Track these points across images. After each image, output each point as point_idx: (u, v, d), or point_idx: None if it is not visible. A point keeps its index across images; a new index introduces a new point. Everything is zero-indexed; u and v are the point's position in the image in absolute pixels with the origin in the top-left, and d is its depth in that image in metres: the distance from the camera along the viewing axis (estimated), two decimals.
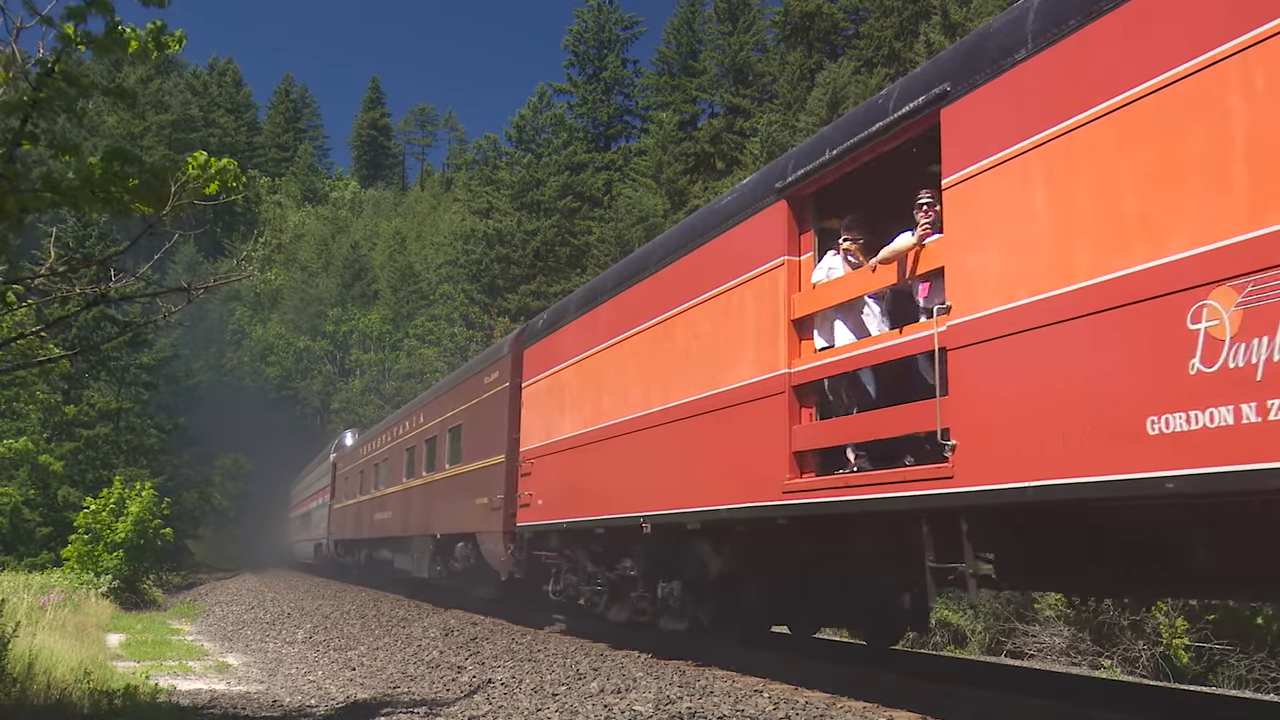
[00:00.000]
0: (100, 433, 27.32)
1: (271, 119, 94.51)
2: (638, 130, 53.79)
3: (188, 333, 39.98)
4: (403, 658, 9.77)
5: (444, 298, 52.13)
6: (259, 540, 50.48)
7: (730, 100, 46.83)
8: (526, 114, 48.73)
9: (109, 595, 16.32)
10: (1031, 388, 4.85)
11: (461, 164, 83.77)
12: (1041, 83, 4.99)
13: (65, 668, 7.04)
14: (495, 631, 12.61)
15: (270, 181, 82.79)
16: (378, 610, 16.45)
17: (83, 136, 39.56)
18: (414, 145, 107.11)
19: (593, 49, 54.81)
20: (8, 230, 4.39)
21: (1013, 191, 5.09)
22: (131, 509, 17.82)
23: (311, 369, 59.99)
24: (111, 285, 5.49)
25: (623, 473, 9.44)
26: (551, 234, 44.03)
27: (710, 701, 6.86)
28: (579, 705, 6.71)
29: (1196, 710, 6.78)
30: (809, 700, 6.99)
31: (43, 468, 23.60)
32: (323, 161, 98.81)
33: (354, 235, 71.69)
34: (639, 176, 43.90)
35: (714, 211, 8.51)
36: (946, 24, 24.89)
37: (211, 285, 6.10)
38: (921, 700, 6.63)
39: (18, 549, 22.55)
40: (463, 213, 60.46)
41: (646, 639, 10.48)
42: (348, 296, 62.77)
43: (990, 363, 5.11)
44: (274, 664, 9.46)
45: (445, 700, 7.03)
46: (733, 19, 48.68)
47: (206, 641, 11.78)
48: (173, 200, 4.78)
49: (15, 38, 4.42)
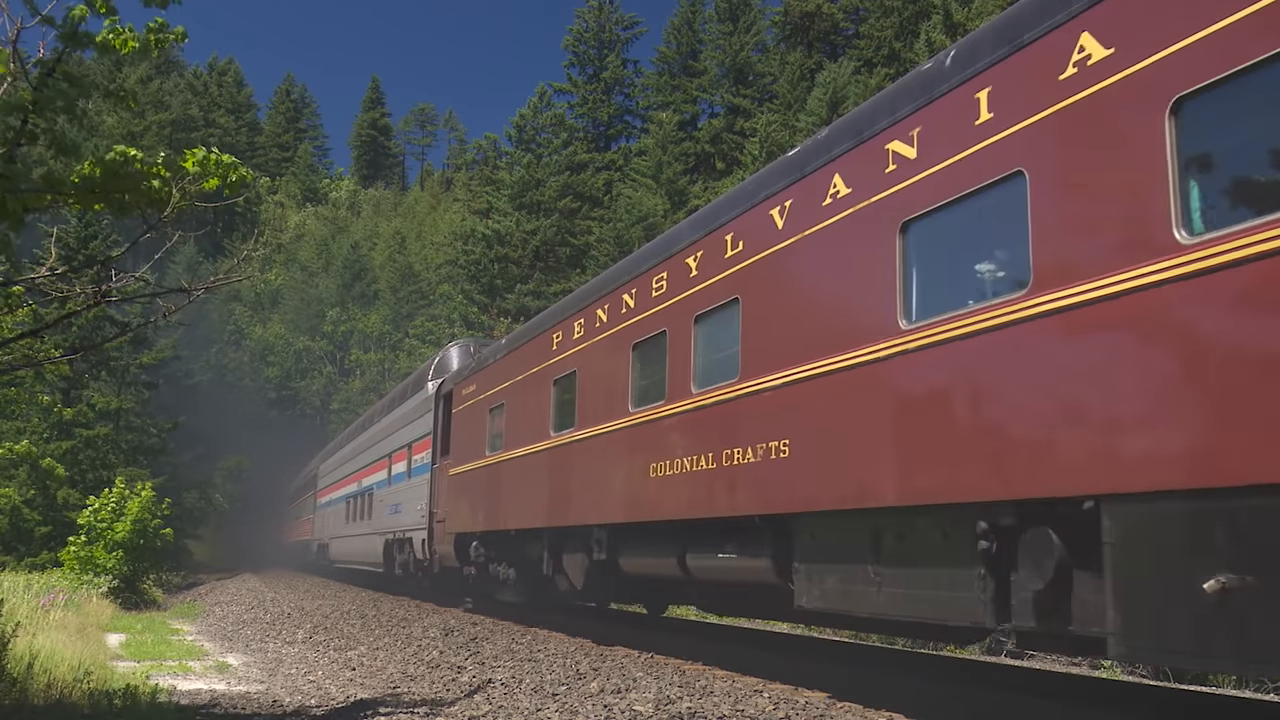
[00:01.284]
0: (100, 433, 27.32)
1: (271, 119, 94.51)
2: (638, 130, 53.82)
3: (188, 333, 39.95)
4: (403, 658, 9.77)
5: (444, 298, 52.15)
6: (259, 541, 50.49)
7: (730, 100, 46.84)
8: (526, 114, 48.73)
9: (109, 595, 16.32)
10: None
11: (461, 164, 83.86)
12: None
13: (65, 668, 7.03)
14: (495, 631, 12.62)
15: (270, 181, 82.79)
16: (378, 610, 16.45)
17: (83, 136, 39.55)
18: (414, 145, 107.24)
19: (593, 49, 54.82)
20: (9, 230, 4.38)
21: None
22: (131, 509, 17.81)
23: (311, 369, 60.00)
24: (112, 285, 5.49)
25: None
26: (551, 234, 44.04)
27: (710, 701, 6.86)
28: (579, 705, 6.71)
29: (1197, 710, 6.78)
30: (809, 700, 7.00)
31: (43, 468, 23.60)
32: (323, 161, 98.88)
33: (354, 235, 71.72)
34: (639, 176, 43.90)
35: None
36: (948, 23, 24.90)
37: (211, 285, 6.10)
38: (921, 700, 6.64)
39: (18, 549, 22.55)
40: (462, 213, 60.51)
41: (647, 639, 10.49)
42: (348, 296, 62.79)
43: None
44: (274, 664, 9.46)
45: (445, 700, 7.03)
46: (733, 19, 48.68)
47: (206, 641, 11.78)
48: (173, 200, 4.78)
49: (15, 38, 4.42)
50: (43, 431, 26.28)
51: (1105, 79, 4.51)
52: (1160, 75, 4.23)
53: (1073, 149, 4.66)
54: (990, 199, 5.16)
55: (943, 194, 5.46)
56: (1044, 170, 4.80)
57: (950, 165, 5.42)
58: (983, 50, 5.37)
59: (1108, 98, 4.49)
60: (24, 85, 4.44)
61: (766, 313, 7.11)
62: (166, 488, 24.31)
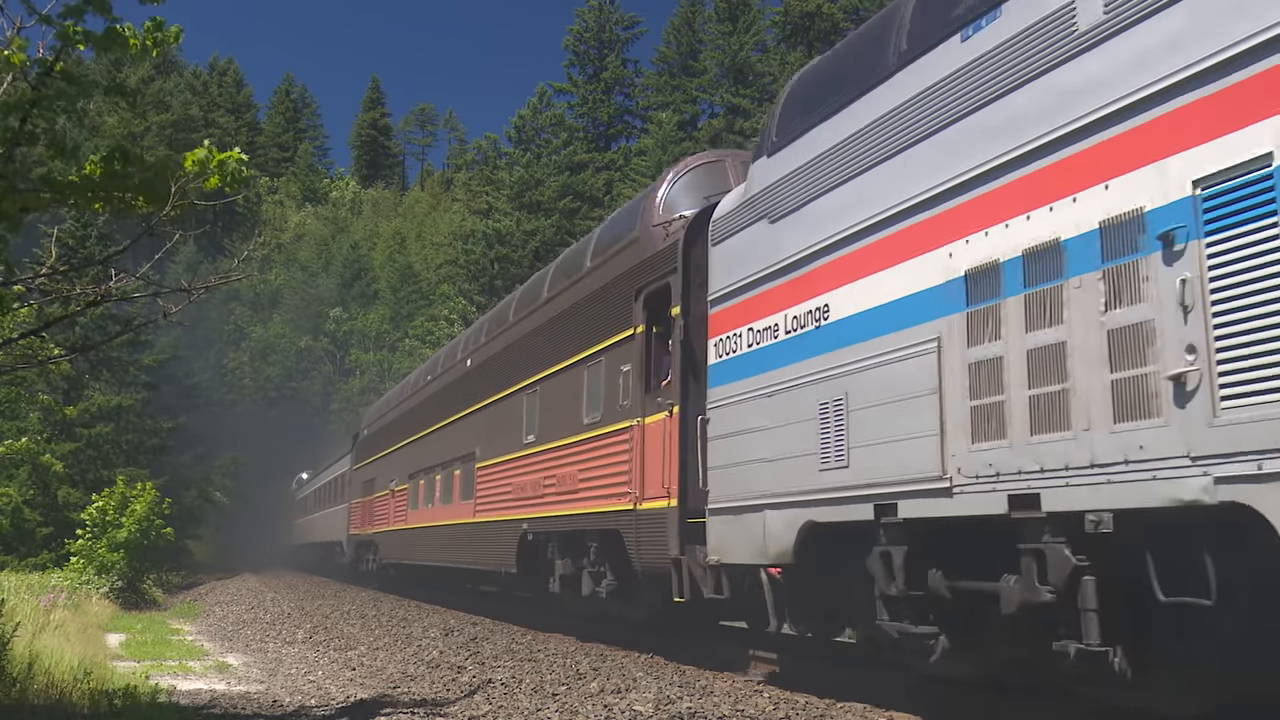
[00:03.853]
0: (101, 432, 27.31)
1: (271, 119, 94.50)
2: (638, 130, 53.83)
3: (188, 333, 39.94)
4: (403, 658, 9.77)
5: (443, 298, 52.15)
6: (259, 541, 50.44)
7: (730, 100, 46.84)
8: (526, 114, 48.75)
9: (109, 595, 16.32)
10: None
11: (461, 164, 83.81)
12: None
13: (65, 668, 7.03)
14: (495, 631, 12.62)
15: (270, 181, 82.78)
16: (377, 610, 16.45)
17: (83, 137, 39.58)
18: (414, 145, 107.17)
19: (593, 49, 54.83)
20: (8, 230, 4.38)
21: None
22: (135, 508, 17.81)
23: (311, 369, 59.99)
24: (112, 285, 5.48)
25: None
26: (551, 234, 44.04)
27: (710, 701, 6.86)
28: (579, 705, 6.71)
29: None
30: (809, 700, 6.99)
31: (43, 468, 23.58)
32: (323, 161, 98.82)
33: (354, 235, 71.73)
34: (639, 176, 43.90)
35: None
36: None
37: (211, 285, 6.09)
38: (921, 700, 6.63)
39: (18, 549, 22.53)
40: (462, 213, 60.49)
41: (647, 640, 10.48)
42: (348, 296, 62.79)
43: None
44: (274, 664, 9.45)
45: (445, 700, 7.03)
46: (733, 19, 48.68)
47: (206, 641, 11.77)
48: (173, 199, 4.76)
49: (14, 36, 4.41)
50: (43, 431, 26.27)
51: None
52: None
53: None
54: None
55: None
56: None
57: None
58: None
59: None
60: (23, 85, 4.43)
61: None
62: (167, 488, 24.27)
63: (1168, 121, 4.27)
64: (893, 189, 5.99)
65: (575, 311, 11.73)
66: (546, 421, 12.17)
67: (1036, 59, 4.97)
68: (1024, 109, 5.04)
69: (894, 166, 6.01)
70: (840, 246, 6.49)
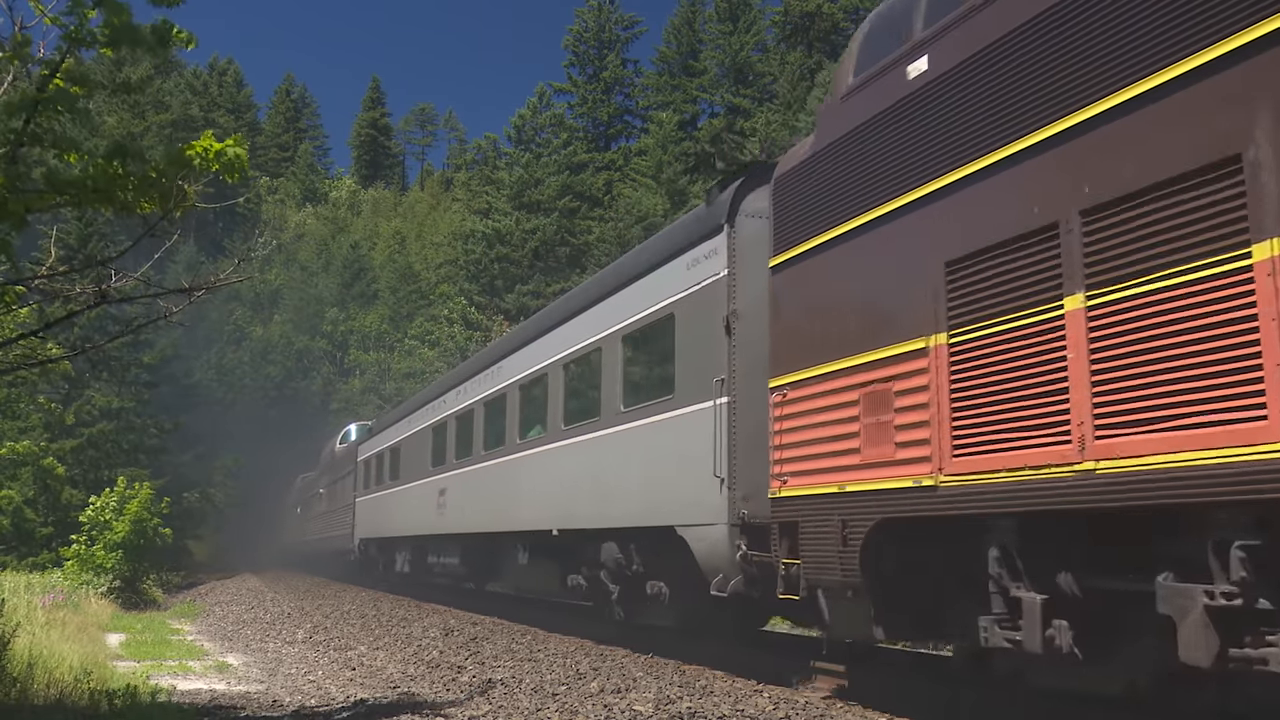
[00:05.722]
0: (101, 430, 27.31)
1: (271, 119, 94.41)
2: (638, 130, 53.83)
3: (188, 333, 39.89)
4: (403, 658, 9.78)
5: (443, 298, 52.13)
6: (258, 542, 50.39)
7: (730, 100, 46.87)
8: (526, 114, 48.75)
9: (109, 595, 16.32)
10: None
11: (461, 164, 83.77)
12: None
13: (65, 667, 7.03)
14: (495, 631, 12.62)
15: (270, 181, 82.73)
16: (377, 610, 16.45)
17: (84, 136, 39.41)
18: (414, 145, 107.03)
19: (593, 49, 54.82)
20: (10, 230, 4.38)
21: None
22: (130, 508, 17.81)
23: (311, 369, 59.95)
24: (112, 285, 5.48)
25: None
26: (551, 233, 44.04)
27: (710, 701, 6.86)
28: (579, 705, 6.71)
29: (1196, 710, 6.77)
30: (809, 700, 7.00)
31: (45, 468, 23.58)
32: (323, 161, 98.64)
33: (354, 235, 71.65)
34: (639, 176, 43.92)
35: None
36: None
37: (212, 285, 6.09)
38: (921, 700, 6.64)
39: (19, 549, 22.52)
40: (462, 213, 60.49)
41: (647, 640, 10.48)
42: (348, 296, 62.72)
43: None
44: (274, 664, 9.46)
45: (445, 700, 7.03)
46: (733, 19, 48.70)
47: (206, 641, 11.77)
48: (175, 198, 4.76)
49: (17, 34, 4.41)
50: (45, 432, 26.26)
51: None
52: None
53: None
54: None
55: None
56: None
57: None
58: None
59: None
60: (26, 85, 4.44)
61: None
62: (167, 488, 24.27)
63: None
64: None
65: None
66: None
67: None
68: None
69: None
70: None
